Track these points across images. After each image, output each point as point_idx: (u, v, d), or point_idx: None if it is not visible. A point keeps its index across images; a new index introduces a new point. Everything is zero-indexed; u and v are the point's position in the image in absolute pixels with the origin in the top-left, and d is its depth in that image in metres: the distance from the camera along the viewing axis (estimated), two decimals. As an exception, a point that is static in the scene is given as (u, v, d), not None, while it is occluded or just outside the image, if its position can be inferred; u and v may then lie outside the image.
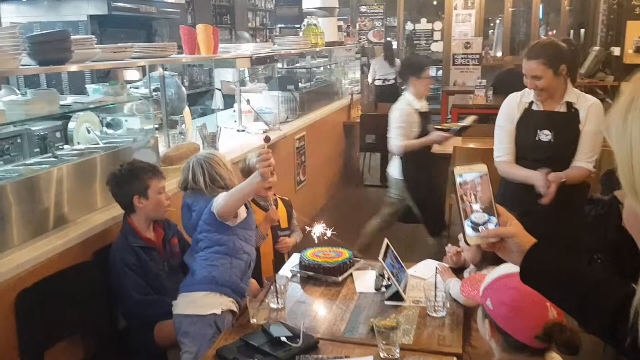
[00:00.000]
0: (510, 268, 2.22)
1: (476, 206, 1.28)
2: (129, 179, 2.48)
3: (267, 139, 2.27)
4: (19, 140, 3.72)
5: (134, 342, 2.50)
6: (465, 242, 1.28)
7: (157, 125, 3.67)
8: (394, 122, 3.95)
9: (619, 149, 0.81)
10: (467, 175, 1.30)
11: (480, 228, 1.27)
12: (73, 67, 2.55)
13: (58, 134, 3.92)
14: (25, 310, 2.08)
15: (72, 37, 2.53)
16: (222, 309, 2.33)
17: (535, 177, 2.70)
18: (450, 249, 2.48)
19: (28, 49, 2.37)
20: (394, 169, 4.17)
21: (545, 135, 2.75)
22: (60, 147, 3.50)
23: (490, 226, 1.27)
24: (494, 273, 1.57)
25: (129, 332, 2.54)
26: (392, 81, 9.78)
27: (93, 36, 2.75)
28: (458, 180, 1.29)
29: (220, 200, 2.33)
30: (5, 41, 2.20)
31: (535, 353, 1.45)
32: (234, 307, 2.39)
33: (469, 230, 1.27)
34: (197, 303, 2.32)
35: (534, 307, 1.43)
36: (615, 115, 0.82)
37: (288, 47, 5.29)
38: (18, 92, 3.30)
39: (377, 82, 9.70)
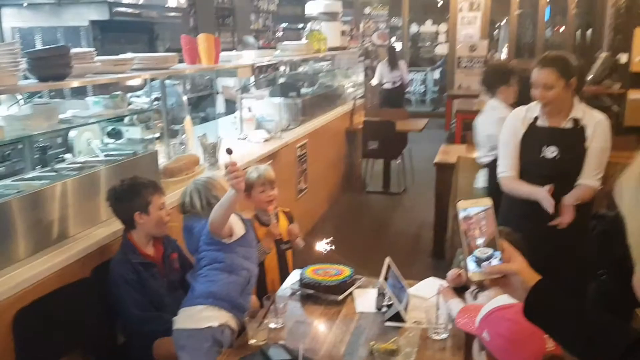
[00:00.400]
0: (507, 299, 2.20)
1: (480, 241, 1.27)
2: (130, 195, 2.46)
3: (229, 151, 2.29)
4: (19, 147, 3.72)
5: (133, 358, 2.49)
6: (468, 278, 1.27)
7: (157, 135, 3.66)
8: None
9: (631, 218, 0.82)
10: (472, 209, 1.29)
11: (483, 264, 1.26)
12: (74, 83, 2.54)
13: (59, 140, 3.93)
14: (23, 329, 2.07)
15: (72, 50, 2.51)
16: (219, 322, 2.31)
17: (539, 193, 2.68)
18: (450, 274, 2.46)
19: (27, 64, 2.36)
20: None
21: (550, 152, 2.72)
22: (60, 156, 3.49)
23: (494, 262, 1.25)
24: (490, 305, 1.55)
25: (128, 348, 2.52)
26: (399, 83, 9.78)
27: (93, 49, 2.73)
28: (462, 214, 1.28)
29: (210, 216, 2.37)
30: (3, 57, 2.19)
31: None
32: (232, 323, 2.37)
33: (472, 265, 1.26)
34: (194, 317, 2.32)
35: (531, 339, 1.42)
36: (629, 183, 0.82)
37: (290, 54, 5.27)
38: (20, 97, 3.29)
39: (386, 86, 9.69)
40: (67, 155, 3.33)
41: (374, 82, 9.73)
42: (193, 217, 2.51)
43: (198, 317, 2.31)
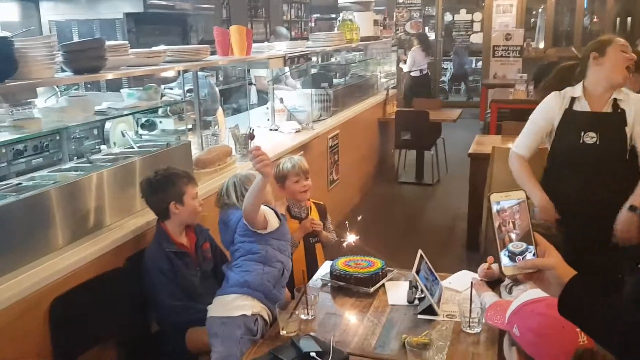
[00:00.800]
0: (538, 293, 2.14)
1: (514, 235, 1.23)
2: (165, 185, 2.49)
3: (251, 136, 2.28)
4: (57, 138, 3.81)
5: (165, 347, 2.52)
6: (501, 272, 1.23)
7: (190, 127, 3.69)
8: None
9: None
10: (505, 202, 1.25)
11: (517, 258, 1.22)
12: (108, 75, 2.56)
13: (95, 131, 4.00)
14: (59, 317, 2.12)
15: (107, 43, 2.54)
16: (252, 311, 2.34)
17: (537, 198, 2.67)
18: (481, 268, 2.42)
19: (63, 57, 2.39)
20: None
21: (590, 138, 2.64)
22: (96, 147, 3.56)
23: (528, 256, 1.22)
24: (520, 299, 1.51)
25: (161, 337, 2.56)
26: (426, 72, 9.66)
27: (127, 42, 2.76)
28: (495, 208, 1.25)
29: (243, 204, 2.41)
30: (40, 51, 2.22)
31: None
32: (265, 314, 2.39)
33: (505, 260, 1.23)
34: (228, 305, 2.35)
35: (563, 333, 1.37)
36: None
37: (322, 45, 5.24)
38: (57, 89, 3.36)
39: (414, 73, 9.58)
40: (103, 147, 3.39)
41: (406, 68, 9.62)
42: (229, 210, 2.56)
43: (232, 306, 2.33)
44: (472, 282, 2.20)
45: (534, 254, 1.22)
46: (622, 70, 2.61)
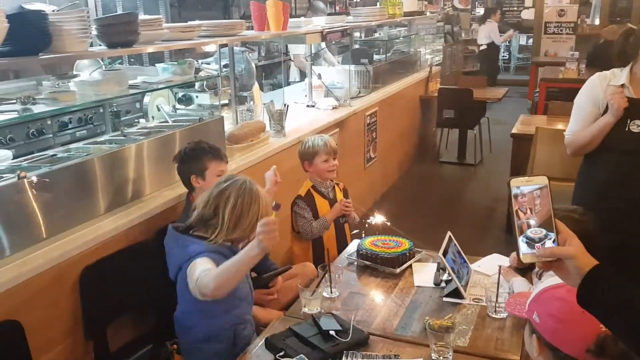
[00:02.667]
0: (558, 279, 2.05)
1: (533, 221, 1.18)
2: (189, 158, 2.51)
3: (276, 207, 2.13)
4: (101, 111, 3.91)
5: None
6: (519, 259, 1.18)
7: (226, 102, 3.71)
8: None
9: None
10: (525, 187, 1.20)
11: (536, 245, 1.17)
12: (141, 50, 2.58)
13: (137, 105, 4.09)
14: (89, 286, 2.18)
15: (140, 17, 2.55)
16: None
17: (607, 115, 2.48)
18: (512, 256, 2.35)
19: (96, 31, 2.42)
20: None
21: (636, 126, 2.49)
22: (136, 121, 3.63)
23: (548, 244, 1.17)
24: (540, 285, 1.45)
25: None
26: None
27: (161, 16, 2.77)
28: (514, 192, 1.20)
29: (205, 281, 1.86)
30: (73, 24, 2.24)
31: None
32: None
33: (523, 247, 1.18)
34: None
35: (584, 318, 1.30)
36: None
37: (363, 20, 5.14)
38: (101, 62, 3.43)
39: (484, 47, 9.68)
40: (142, 120, 3.45)
41: (484, 41, 9.60)
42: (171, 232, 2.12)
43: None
44: (499, 267, 2.14)
45: (554, 242, 1.17)
46: None
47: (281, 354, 1.81)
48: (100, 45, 2.50)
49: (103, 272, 2.22)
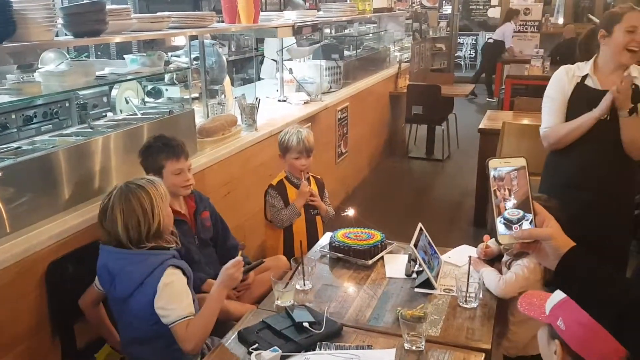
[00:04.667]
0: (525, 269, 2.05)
1: (510, 203, 1.18)
2: (145, 156, 2.47)
3: (241, 247, 2.22)
4: (67, 105, 3.81)
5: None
6: (497, 241, 1.18)
7: (196, 95, 3.66)
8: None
9: None
10: (503, 169, 1.19)
11: (513, 227, 1.16)
12: (109, 39, 2.53)
13: (105, 99, 3.99)
14: (55, 282, 2.12)
15: (108, 7, 2.50)
16: None
17: (596, 109, 2.53)
18: (479, 248, 2.38)
19: (62, 20, 2.36)
20: None
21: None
22: (104, 114, 3.55)
23: (525, 225, 1.16)
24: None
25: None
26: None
27: (129, 6, 2.71)
28: (492, 173, 1.19)
29: (190, 332, 1.92)
30: (38, 12, 2.18)
31: None
32: None
33: (501, 228, 1.17)
34: None
35: None
36: None
37: (333, 15, 5.14)
38: (67, 55, 3.34)
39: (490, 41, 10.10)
40: (110, 114, 3.38)
41: (496, 36, 10.05)
42: (118, 257, 2.00)
43: None
44: (470, 257, 2.17)
45: (531, 223, 1.16)
46: (625, 53, 2.50)
47: (254, 346, 1.80)
48: (66, 35, 2.45)
49: (69, 268, 2.17)
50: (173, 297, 1.95)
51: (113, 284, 2.00)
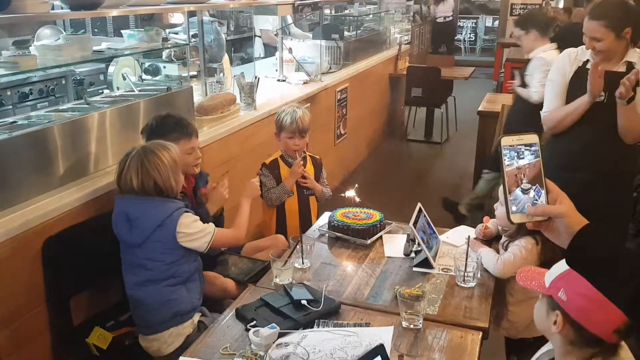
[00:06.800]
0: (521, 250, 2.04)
1: (523, 181, 1.15)
2: (155, 136, 2.41)
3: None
4: (63, 82, 3.76)
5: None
6: (509, 220, 1.15)
7: (195, 73, 3.62)
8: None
9: None
10: (515, 146, 1.16)
11: (526, 205, 1.14)
12: (105, 12, 2.49)
13: (102, 77, 3.94)
14: (51, 257, 2.11)
15: (105, -20, 2.45)
16: (187, 334, 2.18)
17: (586, 95, 2.54)
18: (477, 229, 2.37)
19: (59, -8, 2.32)
20: None
21: (599, 97, 2.56)
22: (101, 92, 3.50)
23: (538, 203, 1.14)
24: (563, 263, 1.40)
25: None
26: (451, 19, 9.80)
27: (127, -21, 2.66)
28: (505, 152, 1.15)
29: (218, 235, 2.20)
30: (34, -16, 2.14)
31: (609, 348, 1.30)
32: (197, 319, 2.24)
33: (513, 207, 1.14)
34: (167, 342, 2.17)
35: None
36: None
37: (333, -6, 5.08)
38: (64, 32, 3.28)
39: (439, 19, 9.87)
40: (107, 91, 3.34)
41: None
42: (134, 202, 2.13)
43: (170, 341, 2.17)
44: (468, 237, 2.16)
45: (544, 201, 1.14)
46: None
47: (252, 323, 1.79)
48: (62, 8, 2.40)
49: (66, 244, 2.15)
50: (197, 225, 2.16)
51: (130, 230, 2.11)
